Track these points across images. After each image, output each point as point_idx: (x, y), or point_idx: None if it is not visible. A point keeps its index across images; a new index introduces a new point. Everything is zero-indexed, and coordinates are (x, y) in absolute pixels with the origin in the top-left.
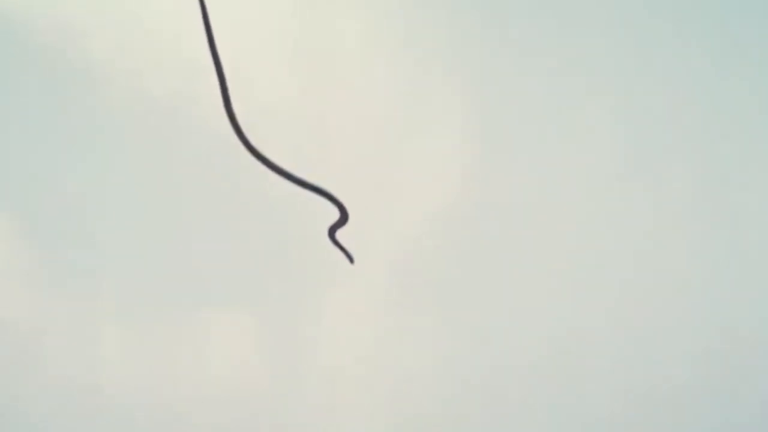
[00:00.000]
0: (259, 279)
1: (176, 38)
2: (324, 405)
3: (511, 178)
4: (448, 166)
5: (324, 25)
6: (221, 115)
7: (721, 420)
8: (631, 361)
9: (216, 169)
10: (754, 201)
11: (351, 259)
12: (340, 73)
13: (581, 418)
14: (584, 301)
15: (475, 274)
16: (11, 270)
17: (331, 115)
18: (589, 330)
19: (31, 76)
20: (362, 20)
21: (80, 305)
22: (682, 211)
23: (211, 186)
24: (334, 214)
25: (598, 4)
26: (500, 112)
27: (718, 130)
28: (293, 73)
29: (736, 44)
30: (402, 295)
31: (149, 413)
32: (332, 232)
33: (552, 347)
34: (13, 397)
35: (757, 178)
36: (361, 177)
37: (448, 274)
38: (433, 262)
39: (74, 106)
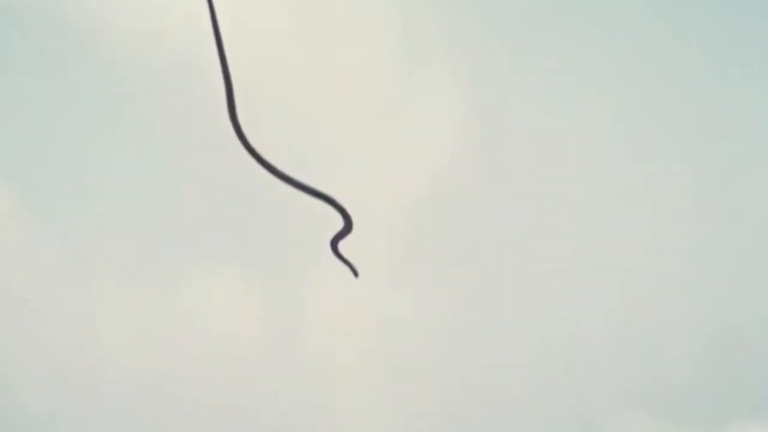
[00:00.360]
0: (258, 240)
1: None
2: (320, 364)
3: (507, 158)
4: (442, 139)
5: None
6: (221, 80)
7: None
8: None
9: (215, 132)
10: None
11: (355, 273)
12: (338, 39)
13: (581, 393)
14: (581, 287)
15: (469, 238)
16: (10, 231)
17: (327, 78)
18: (587, 319)
19: (32, 45)
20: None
21: (78, 265)
22: (681, 206)
23: (210, 149)
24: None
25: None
26: (496, 83)
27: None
28: (290, 39)
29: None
30: (399, 257)
31: (145, 368)
32: (335, 242)
33: (550, 326)
34: (11, 353)
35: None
36: (358, 147)
37: (444, 236)
38: (428, 224)
39: (73, 76)
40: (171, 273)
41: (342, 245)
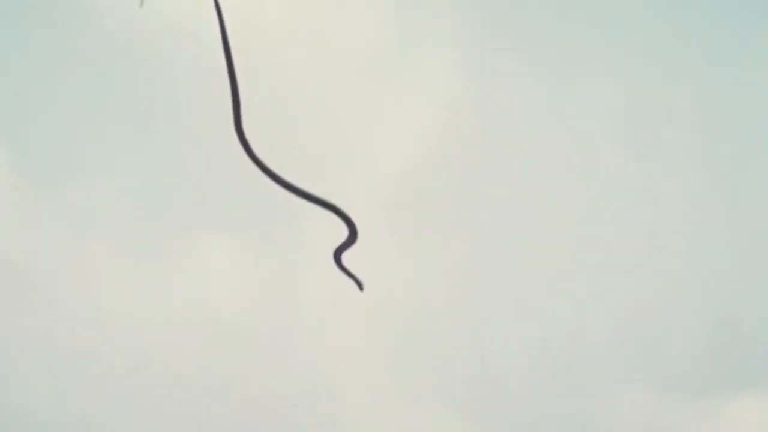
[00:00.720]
0: (256, 211)
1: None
2: (316, 329)
3: (501, 119)
4: (437, 113)
5: None
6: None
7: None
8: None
9: (215, 104)
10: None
11: (361, 287)
12: (336, 17)
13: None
14: (579, 262)
15: (464, 201)
16: (12, 201)
17: (326, 38)
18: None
19: (34, 23)
20: None
21: (77, 235)
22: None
23: (208, 121)
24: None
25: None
26: (493, 64)
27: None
28: (289, 16)
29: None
30: (395, 224)
31: (145, 334)
32: (338, 254)
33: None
34: (12, 326)
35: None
36: (355, 110)
37: (439, 201)
38: (424, 188)
39: (73, 50)
40: (170, 243)
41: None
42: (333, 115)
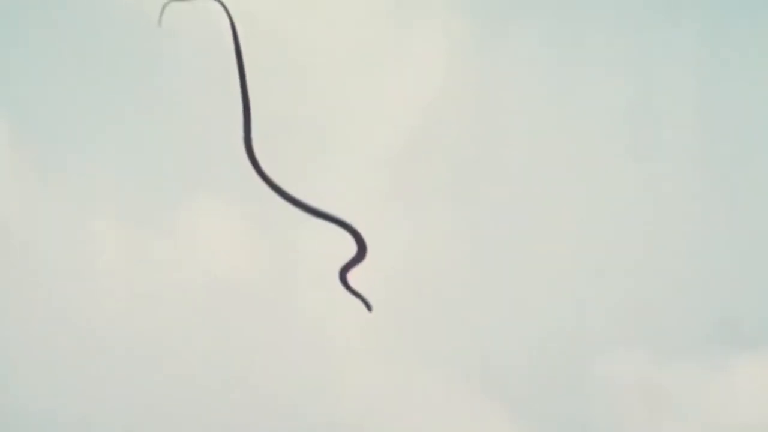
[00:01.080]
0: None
1: None
2: (316, 305)
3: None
4: (433, 65)
5: None
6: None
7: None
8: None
9: (216, 70)
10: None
11: (369, 307)
12: None
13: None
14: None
15: (454, 188)
16: (7, 167)
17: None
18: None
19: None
20: None
21: (73, 201)
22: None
23: (209, 88)
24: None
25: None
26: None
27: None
28: None
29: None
30: (397, 191)
31: (139, 301)
32: (345, 272)
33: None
34: (8, 288)
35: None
36: (353, 73)
37: (437, 198)
38: (422, 188)
39: (75, 23)
40: (169, 211)
41: (340, 182)
42: (328, 97)
